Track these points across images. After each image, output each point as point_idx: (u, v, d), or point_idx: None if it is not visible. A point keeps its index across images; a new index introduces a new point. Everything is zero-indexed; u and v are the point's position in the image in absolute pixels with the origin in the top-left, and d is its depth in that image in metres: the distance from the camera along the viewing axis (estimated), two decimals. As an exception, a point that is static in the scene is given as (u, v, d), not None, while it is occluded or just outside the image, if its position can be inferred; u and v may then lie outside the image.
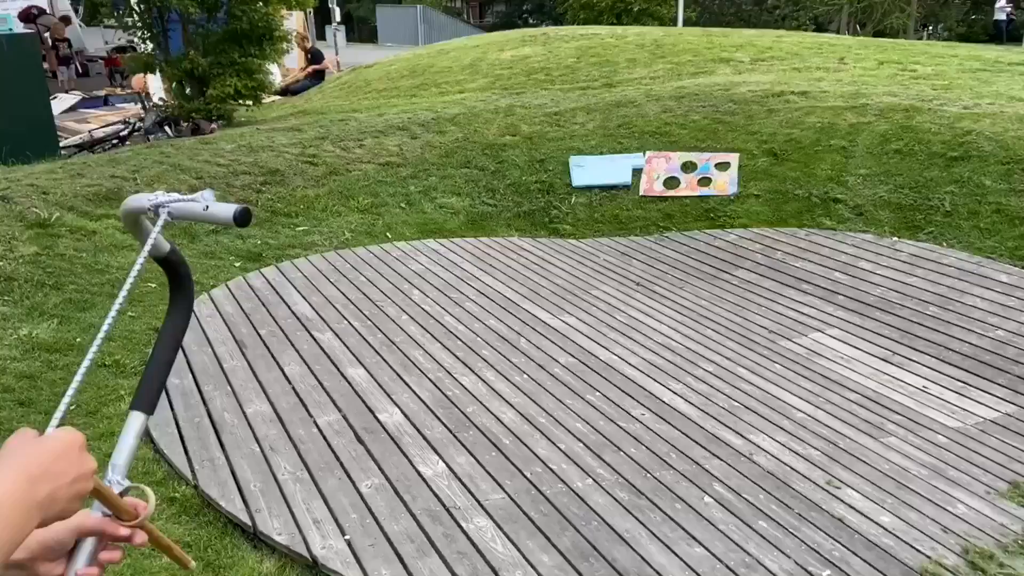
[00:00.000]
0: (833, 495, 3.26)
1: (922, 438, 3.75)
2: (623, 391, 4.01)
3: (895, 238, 5.89)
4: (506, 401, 3.85)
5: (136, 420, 0.92)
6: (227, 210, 0.91)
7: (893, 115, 7.21)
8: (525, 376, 4.12)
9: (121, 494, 0.85)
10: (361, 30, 35.69)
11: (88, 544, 0.83)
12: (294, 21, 13.01)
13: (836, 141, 7.00)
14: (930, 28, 29.11)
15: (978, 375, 4.35)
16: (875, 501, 3.24)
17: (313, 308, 4.88)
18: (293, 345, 4.37)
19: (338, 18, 15.66)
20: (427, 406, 3.73)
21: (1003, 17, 22.05)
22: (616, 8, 21.45)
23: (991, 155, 6.37)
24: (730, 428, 3.72)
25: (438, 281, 5.46)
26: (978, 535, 3.05)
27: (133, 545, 0.85)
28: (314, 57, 14.26)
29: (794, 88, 8.00)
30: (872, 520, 3.10)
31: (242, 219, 0.91)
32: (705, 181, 6.85)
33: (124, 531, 0.83)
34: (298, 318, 4.72)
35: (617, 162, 7.16)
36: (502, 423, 3.64)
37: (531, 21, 37.02)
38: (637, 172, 7.03)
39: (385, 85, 10.62)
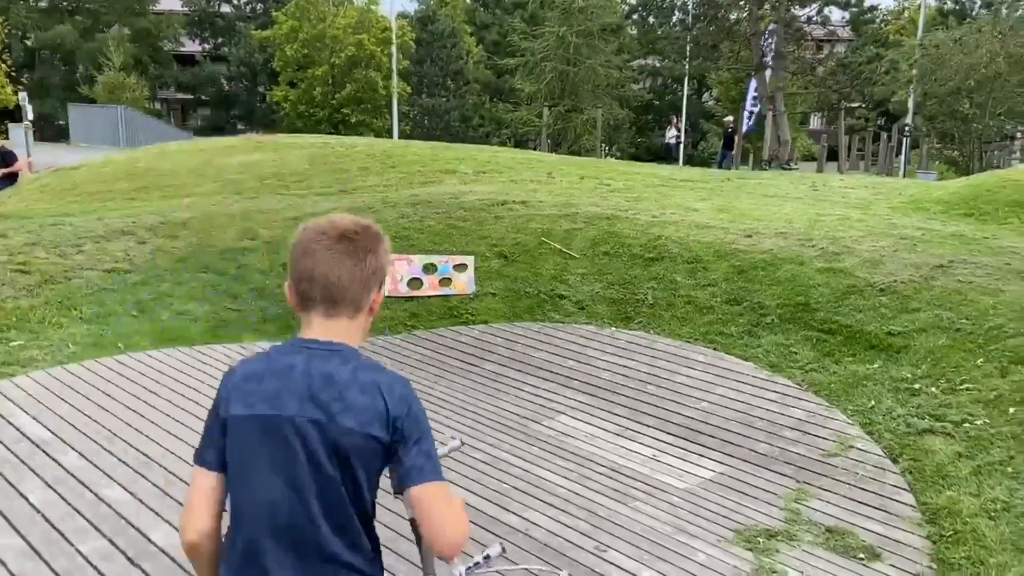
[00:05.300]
0: (602, 558, 3.64)
1: (660, 500, 4.31)
2: (401, 485, 4.13)
3: (613, 328, 6.71)
4: (287, 506, 3.78)
5: None
6: None
7: (599, 222, 8.28)
8: (302, 479, 4.07)
9: None
10: (46, 129, 32.65)
11: None
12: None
13: (556, 244, 7.86)
14: (607, 148, 33.58)
15: (693, 442, 5.08)
16: (635, 559, 3.67)
17: (48, 429, 4.41)
18: (33, 471, 3.91)
19: (31, 116, 14.37)
20: (204, 520, 3.55)
21: (673, 141, 26.06)
22: (334, 119, 22.04)
23: (678, 256, 7.56)
24: (505, 508, 3.99)
25: (188, 391, 5.19)
26: None
27: None
28: (4, 158, 12.91)
29: (515, 198, 8.88)
30: None
31: None
32: (446, 281, 7.30)
33: None
34: (33, 441, 4.24)
35: (360, 265, 7.37)
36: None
37: (240, 127, 36.54)
38: (381, 275, 7.28)
39: (98, 188, 9.93)
